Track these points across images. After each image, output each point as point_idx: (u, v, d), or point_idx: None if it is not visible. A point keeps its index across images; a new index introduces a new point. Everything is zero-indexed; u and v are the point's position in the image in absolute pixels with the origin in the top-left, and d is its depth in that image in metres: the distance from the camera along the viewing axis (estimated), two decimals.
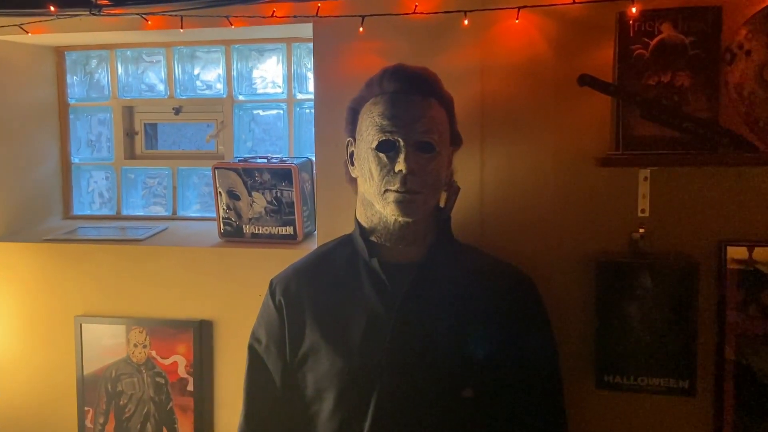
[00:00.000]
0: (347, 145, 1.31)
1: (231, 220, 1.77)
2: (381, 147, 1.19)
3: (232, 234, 1.78)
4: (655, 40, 1.41)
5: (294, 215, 1.72)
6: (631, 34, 1.42)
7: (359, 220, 1.30)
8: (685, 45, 1.39)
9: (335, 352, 1.20)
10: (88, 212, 2.18)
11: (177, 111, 2.08)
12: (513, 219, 1.51)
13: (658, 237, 1.44)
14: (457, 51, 1.51)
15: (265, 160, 1.77)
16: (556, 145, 1.48)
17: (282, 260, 1.42)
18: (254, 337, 1.32)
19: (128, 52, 2.09)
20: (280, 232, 1.75)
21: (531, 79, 1.49)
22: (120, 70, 2.10)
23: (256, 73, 2.04)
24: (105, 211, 2.16)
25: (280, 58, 1.99)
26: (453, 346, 1.19)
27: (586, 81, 1.39)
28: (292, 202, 1.71)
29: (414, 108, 1.19)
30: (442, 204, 1.30)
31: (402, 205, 1.17)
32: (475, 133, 1.50)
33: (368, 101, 1.25)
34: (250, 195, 1.74)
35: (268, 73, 2.03)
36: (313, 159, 1.70)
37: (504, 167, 1.51)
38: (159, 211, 2.14)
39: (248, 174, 1.73)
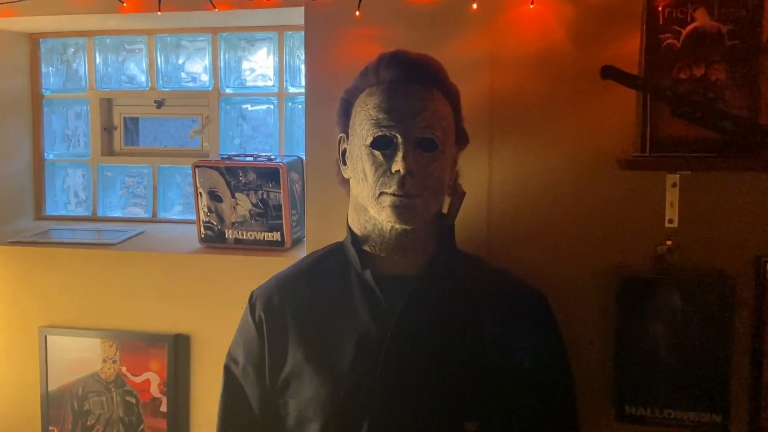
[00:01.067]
0: (339, 142, 1.19)
1: (212, 223, 1.62)
2: (376, 144, 1.06)
3: (214, 239, 1.62)
4: (688, 28, 1.27)
5: (281, 219, 1.57)
6: (661, 22, 1.28)
7: (351, 227, 1.17)
8: (722, 34, 1.26)
9: (321, 377, 1.07)
10: (63, 212, 2.02)
11: (159, 104, 1.93)
12: (524, 228, 1.37)
13: (687, 250, 1.29)
14: (463, 39, 1.37)
15: (252, 159, 1.62)
16: (574, 146, 1.34)
17: (267, 269, 1.30)
18: (231, 357, 1.19)
19: (107, 40, 1.94)
20: (266, 238, 1.59)
21: (546, 71, 1.34)
22: (98, 59, 1.95)
23: (245, 65, 1.89)
24: (81, 212, 2.01)
25: (271, 48, 1.84)
26: (455, 372, 1.06)
27: (610, 73, 1.24)
28: (280, 205, 1.56)
29: (414, 100, 1.07)
30: (444, 210, 1.18)
31: (399, 210, 1.05)
32: (483, 130, 1.36)
33: (363, 92, 1.13)
34: (233, 196, 1.59)
35: (258, 65, 1.87)
36: (304, 158, 1.55)
37: (515, 169, 1.37)
38: (138, 212, 1.98)
39: (231, 173, 1.57)
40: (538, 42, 1.34)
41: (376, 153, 1.06)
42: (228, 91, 1.89)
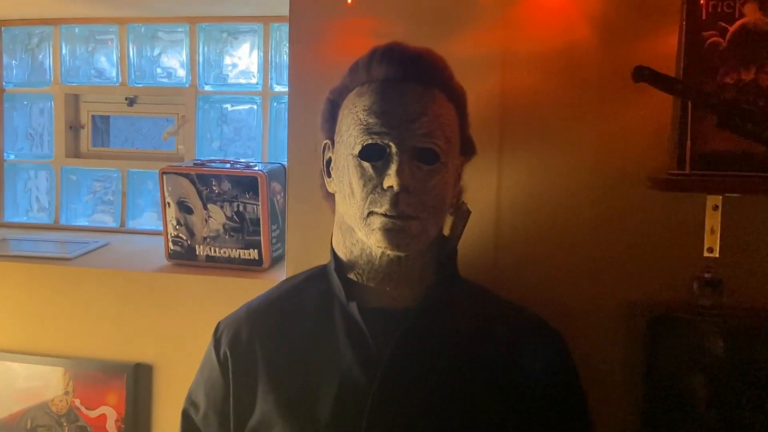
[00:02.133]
0: (323, 150, 1.01)
1: (181, 238, 1.43)
2: (366, 153, 0.89)
3: (183, 255, 1.43)
4: (736, 25, 1.08)
5: (259, 236, 1.37)
6: (704, 17, 1.10)
7: (336, 250, 0.99)
8: None
9: (295, 429, 0.90)
10: (24, 219, 1.83)
11: (131, 102, 1.74)
12: (538, 254, 1.18)
13: (731, 285, 1.09)
14: (472, 33, 1.18)
15: (228, 165, 1.43)
16: (598, 159, 1.15)
17: (242, 292, 1.13)
18: (190, 401, 1.03)
19: (76, 29, 1.75)
20: (241, 256, 1.40)
21: (567, 72, 1.15)
22: (64, 50, 1.76)
23: (226, 60, 1.70)
24: (44, 219, 1.81)
25: (256, 42, 1.65)
26: (455, 426, 0.89)
27: (645, 76, 1.05)
28: (258, 219, 1.37)
29: (412, 101, 0.90)
30: (446, 232, 1.00)
31: (391, 233, 0.88)
32: (492, 139, 1.17)
33: (352, 91, 0.96)
34: (205, 208, 1.40)
35: (241, 60, 1.69)
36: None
37: (528, 186, 1.18)
38: (107, 221, 1.79)
39: (203, 182, 1.38)
40: (559, 38, 1.15)
41: (365, 165, 0.89)
42: (207, 88, 1.70)
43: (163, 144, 1.76)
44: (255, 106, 1.68)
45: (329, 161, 0.99)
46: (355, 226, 0.92)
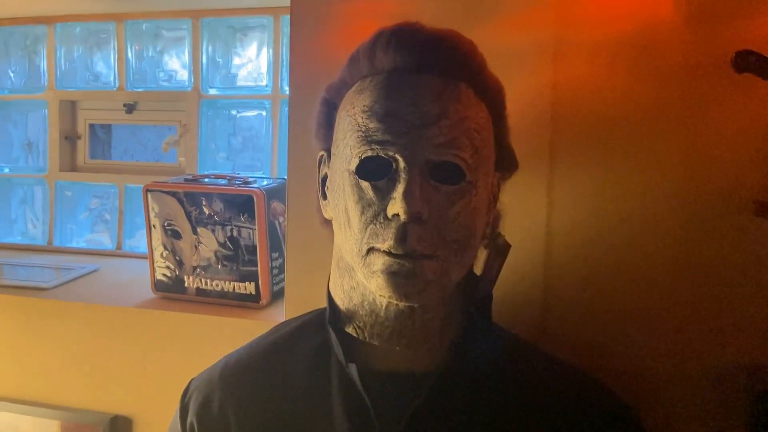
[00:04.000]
0: (319, 163, 0.79)
1: (169, 267, 1.20)
2: (365, 169, 0.66)
3: (170, 288, 1.21)
4: None
5: (256, 266, 1.14)
6: None
7: (332, 295, 0.76)
8: None
9: None
10: (19, 239, 1.65)
11: (130, 108, 1.54)
12: (600, 300, 0.90)
13: None
14: (513, 17, 0.91)
15: (225, 181, 1.20)
16: (683, 177, 0.87)
17: (236, 334, 1.00)
18: None
19: (73, 29, 1.56)
20: (236, 290, 1.17)
21: (641, 63, 0.88)
22: (60, 52, 1.57)
23: (233, 60, 1.48)
24: (38, 240, 1.63)
25: (265, 39, 1.43)
26: None
27: (750, 64, 0.78)
28: (254, 246, 1.13)
29: (428, 99, 0.66)
30: (478, 270, 0.76)
31: (397, 279, 0.64)
32: (540, 150, 0.91)
33: (351, 88, 0.73)
34: (195, 232, 1.17)
35: (251, 62, 1.47)
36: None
37: (587, 210, 0.91)
38: (105, 241, 1.59)
39: (192, 201, 1.16)
40: (628, 21, 0.87)
41: (364, 185, 0.65)
42: (212, 91, 1.48)
43: (164, 156, 1.55)
44: (264, 112, 1.45)
45: (325, 178, 0.76)
46: (354, 264, 0.69)
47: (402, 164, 0.64)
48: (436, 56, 0.67)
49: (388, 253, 0.64)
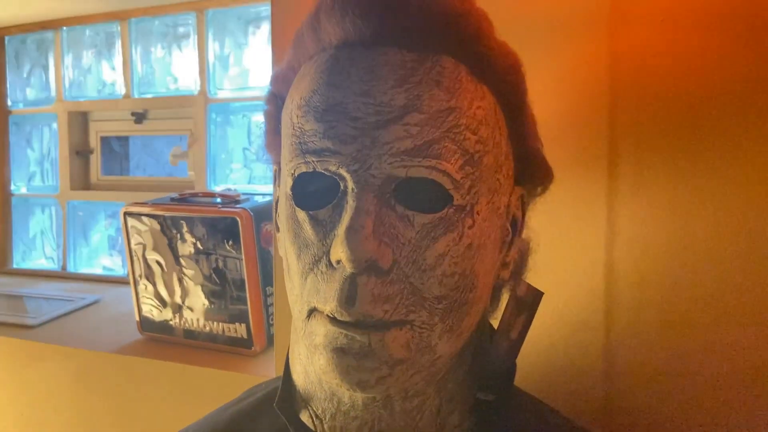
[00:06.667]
0: (273, 179, 0.58)
1: (154, 304, 1.01)
2: (303, 193, 0.45)
3: (156, 328, 1.02)
4: None
5: (246, 303, 0.92)
6: None
7: (290, 365, 0.54)
8: None
9: None
10: (39, 265, 1.53)
11: (139, 118, 1.37)
12: (688, 360, 0.61)
13: None
14: None
15: (218, 200, 1.00)
16: None
17: (224, 389, 0.77)
18: None
19: (83, 33, 1.42)
20: (225, 332, 0.96)
21: (727, 32, 0.59)
22: (67, 59, 1.43)
23: (241, 57, 1.28)
24: (52, 266, 1.50)
25: None
26: None
27: None
28: (242, 281, 0.92)
29: (388, 84, 0.42)
30: (495, 321, 0.53)
31: (345, 359, 0.42)
32: (595, 151, 0.63)
33: (297, 74, 0.49)
34: (177, 263, 0.97)
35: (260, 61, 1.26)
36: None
37: (667, 234, 0.62)
38: (118, 267, 1.44)
39: (174, 226, 0.96)
40: None
41: (300, 216, 0.44)
42: (220, 94, 1.29)
43: (177, 170, 1.38)
44: None
45: (278, 203, 0.54)
46: (298, 330, 0.47)
47: (350, 184, 0.40)
48: (404, 19, 0.43)
49: (332, 320, 0.41)
